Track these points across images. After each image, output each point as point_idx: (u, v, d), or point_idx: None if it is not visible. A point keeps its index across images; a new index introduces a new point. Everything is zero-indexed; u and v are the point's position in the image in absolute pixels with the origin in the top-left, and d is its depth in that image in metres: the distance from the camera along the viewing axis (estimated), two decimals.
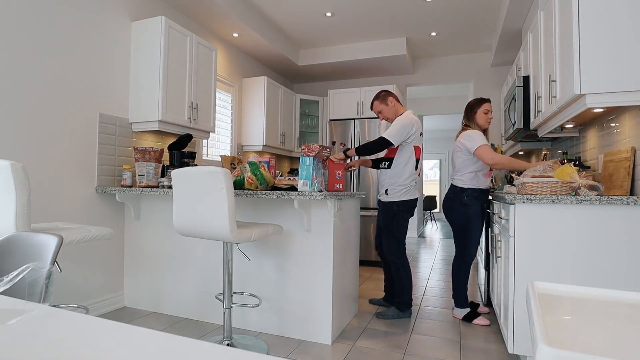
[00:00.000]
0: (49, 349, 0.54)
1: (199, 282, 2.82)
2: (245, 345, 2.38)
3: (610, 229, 1.82)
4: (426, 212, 10.63)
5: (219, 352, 0.50)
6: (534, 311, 0.71)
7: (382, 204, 2.95)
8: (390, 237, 2.87)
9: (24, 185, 1.68)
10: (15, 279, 0.80)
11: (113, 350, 0.54)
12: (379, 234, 3.05)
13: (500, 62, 5.17)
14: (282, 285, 2.57)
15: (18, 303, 0.72)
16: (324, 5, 4.17)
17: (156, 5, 3.47)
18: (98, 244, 2.89)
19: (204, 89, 3.58)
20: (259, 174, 2.48)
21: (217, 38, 4.42)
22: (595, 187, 1.94)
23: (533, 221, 1.94)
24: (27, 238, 1.10)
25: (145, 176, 2.89)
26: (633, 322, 0.77)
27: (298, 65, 5.48)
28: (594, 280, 1.85)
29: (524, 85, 3.15)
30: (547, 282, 0.88)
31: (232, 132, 4.81)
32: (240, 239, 2.02)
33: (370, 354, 2.28)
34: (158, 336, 0.56)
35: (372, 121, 4.97)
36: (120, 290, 3.06)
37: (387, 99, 2.96)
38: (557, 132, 2.93)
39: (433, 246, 6.50)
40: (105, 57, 2.96)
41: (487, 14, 4.29)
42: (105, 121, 2.95)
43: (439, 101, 7.89)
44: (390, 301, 3.06)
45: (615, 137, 2.30)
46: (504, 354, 2.27)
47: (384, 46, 5.08)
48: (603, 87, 1.92)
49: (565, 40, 2.14)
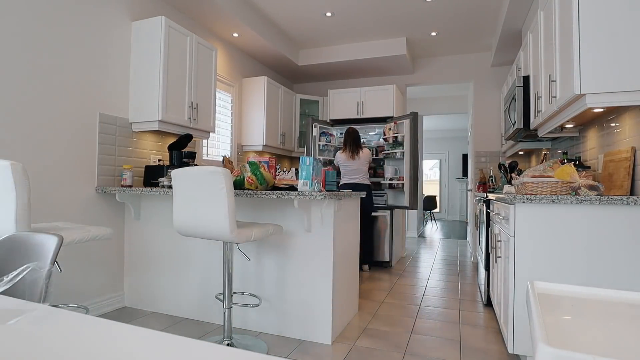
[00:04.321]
0: (49, 349, 0.54)
1: (199, 282, 2.82)
2: (245, 345, 2.38)
3: (611, 229, 1.82)
4: (426, 212, 10.63)
5: (219, 352, 0.50)
6: (534, 311, 0.71)
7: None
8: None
9: (24, 185, 1.67)
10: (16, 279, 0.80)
11: (113, 351, 0.54)
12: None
13: (500, 62, 5.17)
14: (282, 285, 2.57)
15: (18, 303, 0.72)
16: (324, 5, 4.17)
17: (156, 5, 3.47)
18: (98, 244, 2.89)
19: (204, 89, 3.58)
20: (259, 174, 2.48)
21: (217, 38, 4.42)
22: (595, 187, 1.94)
23: (533, 221, 1.94)
24: (27, 238, 1.10)
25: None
26: (633, 321, 0.77)
27: (298, 65, 5.48)
28: (594, 280, 1.85)
29: (524, 85, 3.15)
30: (547, 282, 0.89)
31: (232, 132, 4.81)
32: (240, 238, 2.02)
33: (371, 353, 2.28)
34: (158, 336, 0.56)
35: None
36: (120, 290, 3.06)
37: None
38: (557, 132, 2.93)
39: (433, 246, 6.50)
40: (105, 57, 2.96)
41: (487, 14, 4.29)
42: (105, 121, 2.95)
43: (438, 101, 7.88)
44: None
45: (615, 137, 2.30)
46: (504, 354, 2.27)
47: (384, 46, 5.08)
48: (603, 87, 1.92)
49: (565, 40, 2.14)
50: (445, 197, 11.93)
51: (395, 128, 4.88)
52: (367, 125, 5.31)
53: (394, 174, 4.93)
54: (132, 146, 3.20)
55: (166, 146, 3.49)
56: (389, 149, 5.02)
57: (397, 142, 4.89)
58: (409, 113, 4.72)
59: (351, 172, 4.38)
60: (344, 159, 4.40)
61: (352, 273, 2.90)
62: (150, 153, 3.38)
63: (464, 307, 3.16)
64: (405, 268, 4.65)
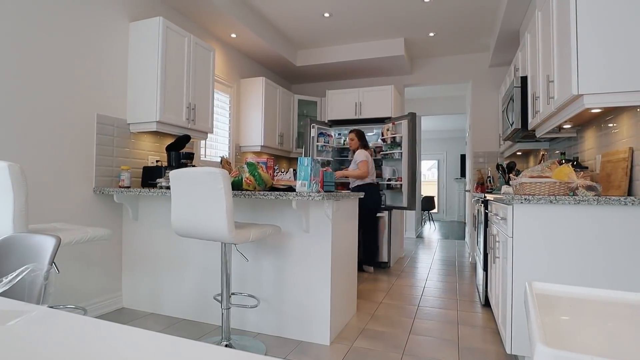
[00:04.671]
0: (47, 350, 0.54)
1: (197, 283, 2.81)
2: (243, 346, 2.38)
3: (608, 229, 1.82)
4: (424, 213, 10.64)
5: (217, 352, 0.50)
6: (532, 311, 0.71)
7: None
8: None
9: (22, 186, 1.67)
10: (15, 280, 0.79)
11: (111, 352, 0.54)
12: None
13: (498, 63, 5.18)
14: (281, 285, 2.57)
15: (17, 304, 0.72)
16: (322, 6, 4.17)
17: (154, 6, 3.47)
18: (96, 245, 2.88)
19: (201, 89, 3.58)
20: (257, 175, 2.47)
21: (214, 39, 4.42)
22: (593, 187, 1.94)
23: (531, 221, 1.94)
24: (25, 239, 1.09)
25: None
26: (631, 322, 0.77)
27: (296, 65, 5.48)
28: (591, 281, 1.85)
29: (521, 85, 3.16)
30: (545, 283, 0.89)
31: (230, 133, 4.81)
32: (239, 239, 2.02)
33: (369, 354, 2.28)
34: (156, 337, 0.56)
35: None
36: (118, 291, 3.05)
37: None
38: (555, 133, 2.94)
39: (431, 247, 6.50)
40: (103, 57, 2.95)
41: (485, 15, 4.30)
42: (103, 122, 2.94)
43: (437, 102, 7.90)
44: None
45: (613, 138, 2.30)
46: (502, 355, 2.28)
47: (382, 46, 5.08)
48: (601, 88, 1.92)
49: (563, 40, 2.14)
50: (444, 197, 11.95)
51: (393, 129, 4.88)
52: (366, 125, 5.31)
53: (392, 175, 4.94)
54: (130, 147, 3.19)
55: (164, 147, 3.49)
56: (387, 149, 5.02)
57: (395, 142, 4.89)
58: (407, 114, 4.72)
59: (374, 171, 4.54)
60: (371, 158, 4.52)
61: (351, 274, 2.90)
62: (148, 154, 3.38)
63: (462, 308, 3.16)
64: (404, 269, 4.66)
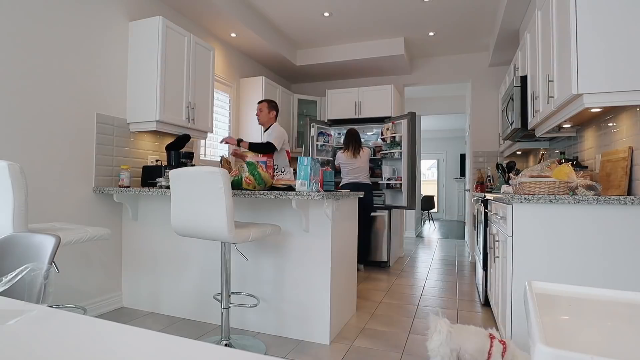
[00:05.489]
0: (47, 350, 0.54)
1: (197, 283, 2.81)
2: (243, 346, 2.38)
3: (608, 228, 1.82)
4: (424, 212, 10.64)
5: (217, 352, 0.50)
6: (531, 311, 0.71)
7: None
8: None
9: (22, 186, 1.67)
10: (15, 279, 0.79)
11: (111, 351, 0.54)
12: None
13: (498, 62, 5.18)
14: (280, 285, 2.57)
15: (17, 304, 0.72)
16: (322, 5, 4.17)
17: (154, 5, 3.46)
18: (96, 245, 2.88)
19: (201, 89, 3.58)
20: (257, 174, 2.47)
21: (214, 38, 4.41)
22: (593, 186, 1.94)
23: (531, 221, 1.94)
24: (25, 238, 1.09)
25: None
26: (631, 321, 0.77)
27: (296, 65, 5.47)
28: (591, 280, 1.85)
29: (521, 85, 3.16)
30: (545, 282, 0.89)
31: (230, 132, 4.81)
32: (239, 239, 2.02)
33: (369, 353, 2.28)
34: (156, 337, 0.56)
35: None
36: (118, 291, 3.05)
37: (273, 110, 3.92)
38: (554, 132, 2.94)
39: (431, 246, 6.51)
40: (102, 57, 2.95)
41: (484, 14, 4.30)
42: (102, 121, 2.94)
43: (436, 101, 7.89)
44: None
45: (613, 137, 2.30)
46: None
47: (381, 46, 5.08)
48: (601, 87, 1.92)
49: (563, 40, 2.14)
50: (443, 197, 11.95)
51: (393, 128, 4.88)
52: (365, 125, 5.31)
53: (392, 174, 4.94)
54: (130, 146, 3.19)
55: (164, 146, 3.48)
56: (387, 149, 5.02)
57: (395, 142, 4.89)
58: (406, 113, 4.72)
59: (353, 172, 4.47)
60: (345, 158, 4.48)
61: (351, 273, 2.90)
62: (147, 153, 3.38)
63: (462, 307, 3.16)
64: (403, 268, 4.66)
